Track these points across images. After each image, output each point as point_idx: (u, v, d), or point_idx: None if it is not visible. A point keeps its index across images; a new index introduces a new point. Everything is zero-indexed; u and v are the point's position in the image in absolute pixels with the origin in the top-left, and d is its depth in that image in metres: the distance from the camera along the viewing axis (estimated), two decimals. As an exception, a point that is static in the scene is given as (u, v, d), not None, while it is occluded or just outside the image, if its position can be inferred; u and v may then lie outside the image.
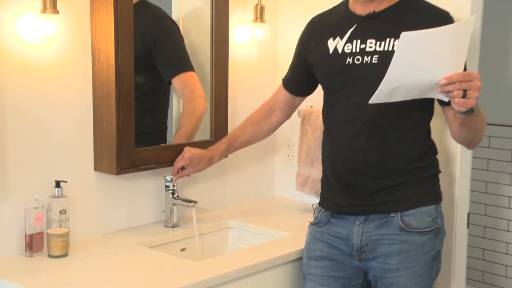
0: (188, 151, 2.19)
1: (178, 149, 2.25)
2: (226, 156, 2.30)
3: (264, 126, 2.23)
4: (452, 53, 1.58)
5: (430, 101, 1.83)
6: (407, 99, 1.66)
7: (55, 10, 1.86)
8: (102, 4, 1.99)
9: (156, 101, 2.27)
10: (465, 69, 1.63)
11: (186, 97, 2.32)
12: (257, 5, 2.50)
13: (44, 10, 1.85)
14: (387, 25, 1.83)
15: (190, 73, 2.31)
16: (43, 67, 1.94)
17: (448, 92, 1.58)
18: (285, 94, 2.16)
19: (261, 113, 2.24)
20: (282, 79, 2.17)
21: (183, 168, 2.20)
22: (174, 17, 2.32)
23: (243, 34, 2.53)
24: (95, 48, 2.04)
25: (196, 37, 2.36)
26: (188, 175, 2.24)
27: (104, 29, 2.01)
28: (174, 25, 2.31)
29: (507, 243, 3.31)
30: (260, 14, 2.51)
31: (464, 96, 1.58)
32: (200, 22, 2.36)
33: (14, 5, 1.85)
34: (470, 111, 1.63)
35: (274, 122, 2.23)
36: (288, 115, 2.24)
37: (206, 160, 2.21)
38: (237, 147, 2.26)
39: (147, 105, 2.25)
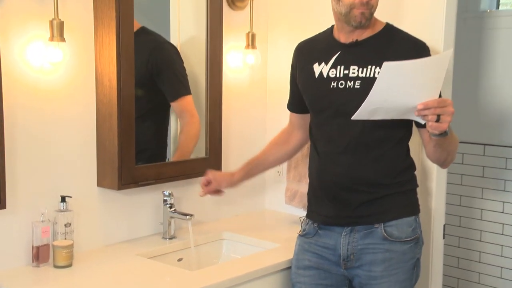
0: (210, 172, 2.18)
1: (176, 166, 2.25)
2: (250, 178, 2.23)
3: (285, 146, 2.17)
4: (429, 81, 1.59)
5: (409, 122, 1.85)
6: (387, 118, 1.67)
7: (62, 38, 1.87)
8: (106, 32, 2.00)
9: (157, 121, 2.27)
10: (440, 96, 1.65)
11: (186, 121, 2.32)
12: (248, 32, 2.51)
13: (51, 38, 1.86)
14: (368, 53, 1.84)
15: (188, 97, 2.31)
16: (50, 90, 1.94)
17: (424, 116, 1.60)
18: (294, 116, 2.12)
19: (280, 136, 2.19)
20: (287, 105, 2.13)
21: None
22: (173, 43, 2.32)
23: (235, 60, 2.53)
24: (98, 73, 2.04)
25: (193, 62, 2.37)
26: (218, 193, 2.19)
27: (107, 55, 2.01)
28: (174, 50, 2.31)
29: (480, 252, 3.32)
30: (251, 41, 2.52)
31: (438, 120, 1.59)
32: (196, 48, 2.37)
33: (24, 33, 1.86)
34: (444, 134, 1.65)
35: (294, 141, 2.16)
36: (306, 134, 2.10)
37: (227, 176, 2.17)
38: (258, 165, 2.19)
39: (148, 124, 2.25)
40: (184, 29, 2.38)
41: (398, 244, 1.84)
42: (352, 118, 1.65)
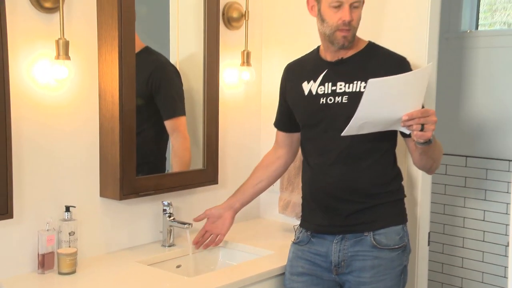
0: (207, 209, 2.17)
1: (175, 177, 2.26)
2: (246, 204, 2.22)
3: (271, 167, 2.15)
4: (412, 94, 1.61)
5: (394, 133, 1.86)
6: (374, 131, 1.69)
7: (67, 57, 1.87)
8: (108, 51, 2.01)
9: (157, 135, 2.26)
10: (423, 107, 1.66)
11: (179, 144, 2.30)
12: (244, 51, 2.52)
13: (57, 56, 1.86)
14: (354, 69, 1.85)
15: (182, 118, 2.30)
16: (55, 106, 1.94)
17: (409, 126, 1.62)
18: (280, 134, 2.12)
19: (267, 157, 2.19)
20: (274, 123, 2.14)
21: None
22: (171, 60, 2.33)
23: (231, 76, 2.53)
24: (101, 89, 2.04)
25: (191, 78, 2.37)
26: (214, 243, 2.17)
27: (110, 72, 2.01)
28: (174, 71, 2.30)
29: (463, 258, 3.32)
30: (246, 58, 2.52)
31: (422, 130, 1.61)
32: (194, 65, 2.37)
33: (32, 52, 1.86)
34: (428, 142, 1.67)
35: (279, 162, 2.14)
36: (290, 153, 2.14)
37: (224, 207, 2.15)
38: (249, 189, 2.16)
39: (149, 138, 2.24)
40: (183, 47, 2.39)
41: (386, 251, 1.84)
42: (341, 134, 1.65)
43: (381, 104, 1.59)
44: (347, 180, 1.85)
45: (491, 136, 3.16)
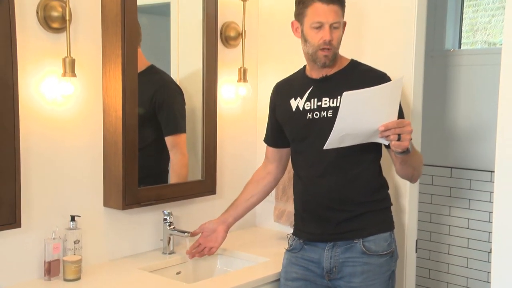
0: (202, 224, 2.15)
1: (175, 188, 2.25)
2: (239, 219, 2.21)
3: (262, 182, 2.14)
4: (387, 105, 1.61)
5: (378, 145, 1.86)
6: (355, 143, 1.69)
7: (73, 74, 1.88)
8: (112, 68, 2.01)
9: (160, 150, 2.24)
10: (399, 118, 1.66)
11: (178, 159, 2.29)
12: (240, 68, 2.53)
13: (64, 73, 1.87)
14: (337, 85, 1.85)
15: (182, 135, 2.30)
16: (62, 120, 1.95)
17: (386, 136, 1.63)
18: (270, 150, 2.12)
19: (257, 173, 2.18)
20: (264, 140, 2.14)
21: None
22: (173, 77, 2.33)
23: (229, 92, 2.54)
24: (105, 104, 2.05)
25: (191, 94, 2.37)
26: (207, 253, 2.15)
27: (113, 88, 2.02)
28: (177, 90, 2.30)
29: (448, 263, 3.32)
30: (243, 75, 2.53)
31: (399, 139, 1.62)
32: (194, 82, 2.37)
33: (40, 70, 1.87)
34: (406, 152, 1.67)
35: (269, 177, 2.14)
36: (279, 168, 2.13)
37: (217, 222, 2.13)
38: (242, 204, 2.15)
39: (152, 153, 2.24)
40: (184, 65, 2.39)
41: (375, 257, 1.84)
42: (324, 148, 1.66)
43: (357, 116, 1.60)
44: (336, 190, 1.86)
45: (474, 148, 3.18)
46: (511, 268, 1.38)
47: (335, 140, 1.63)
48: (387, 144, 1.69)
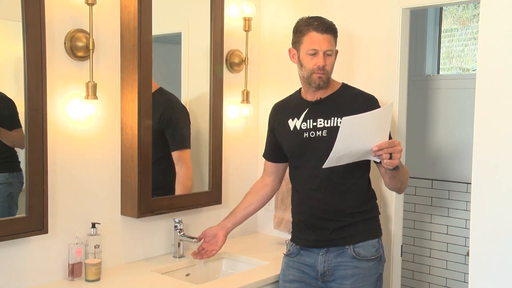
0: (203, 231, 2.13)
1: (184, 198, 2.25)
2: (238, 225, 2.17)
3: (259, 193, 2.13)
4: (380, 128, 1.62)
5: (367, 161, 1.87)
6: (351, 161, 1.69)
7: (95, 97, 1.90)
8: (129, 91, 2.04)
9: (170, 163, 2.25)
10: (390, 138, 1.67)
11: (183, 172, 2.27)
12: (244, 90, 2.54)
13: (87, 96, 1.90)
14: (330, 107, 1.87)
15: (187, 151, 2.28)
16: (85, 138, 1.96)
17: (379, 155, 1.64)
18: (268, 164, 2.12)
19: (255, 185, 2.17)
20: (263, 155, 2.13)
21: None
22: (182, 100, 2.34)
23: (233, 112, 2.54)
24: (123, 123, 2.06)
25: (199, 114, 2.37)
26: (209, 254, 2.10)
27: (130, 109, 2.04)
28: (183, 110, 2.30)
29: (430, 266, 3.32)
30: (246, 97, 2.54)
31: (390, 158, 1.63)
32: (202, 104, 2.38)
33: (65, 93, 1.89)
34: (396, 168, 1.68)
35: (266, 189, 2.13)
36: (276, 181, 2.13)
37: (217, 228, 2.11)
38: (240, 211, 2.12)
39: (163, 166, 2.23)
40: (192, 88, 2.41)
41: (364, 261, 1.84)
42: (323, 167, 1.66)
43: (354, 138, 1.60)
44: (329, 202, 1.86)
45: (452, 162, 3.20)
46: (486, 269, 1.39)
47: (333, 159, 1.64)
48: (379, 161, 1.69)
